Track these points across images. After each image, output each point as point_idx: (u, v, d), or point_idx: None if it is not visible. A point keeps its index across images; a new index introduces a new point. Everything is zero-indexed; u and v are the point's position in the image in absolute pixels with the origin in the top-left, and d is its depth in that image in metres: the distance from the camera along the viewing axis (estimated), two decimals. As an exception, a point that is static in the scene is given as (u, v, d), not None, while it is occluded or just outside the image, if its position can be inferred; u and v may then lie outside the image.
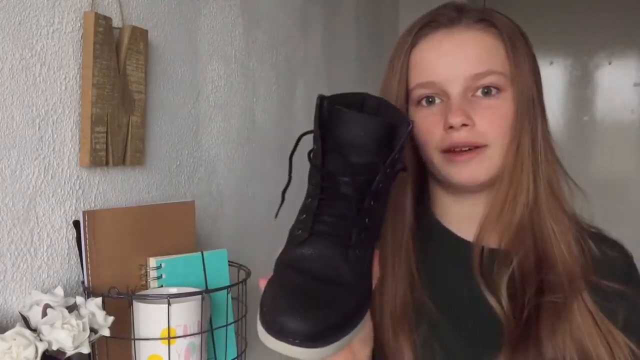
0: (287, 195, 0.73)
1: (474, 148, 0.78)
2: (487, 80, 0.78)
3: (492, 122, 0.77)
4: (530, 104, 0.79)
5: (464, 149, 0.77)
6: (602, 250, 0.82)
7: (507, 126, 0.78)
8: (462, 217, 0.85)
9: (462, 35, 0.79)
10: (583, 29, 3.02)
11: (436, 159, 0.80)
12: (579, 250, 0.80)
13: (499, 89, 0.78)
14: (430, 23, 0.81)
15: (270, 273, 0.68)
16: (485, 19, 0.80)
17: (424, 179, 0.88)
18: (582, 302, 0.77)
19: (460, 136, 0.77)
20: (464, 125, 0.76)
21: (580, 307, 0.76)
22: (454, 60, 0.78)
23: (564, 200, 0.82)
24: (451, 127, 0.76)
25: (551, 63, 3.09)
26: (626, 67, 3.03)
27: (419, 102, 0.81)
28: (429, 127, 0.79)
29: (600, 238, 0.84)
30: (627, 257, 0.85)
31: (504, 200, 0.79)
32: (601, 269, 0.80)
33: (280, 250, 0.69)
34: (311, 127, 0.70)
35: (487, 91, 0.78)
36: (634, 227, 2.83)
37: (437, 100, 0.79)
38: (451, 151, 0.78)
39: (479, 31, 0.80)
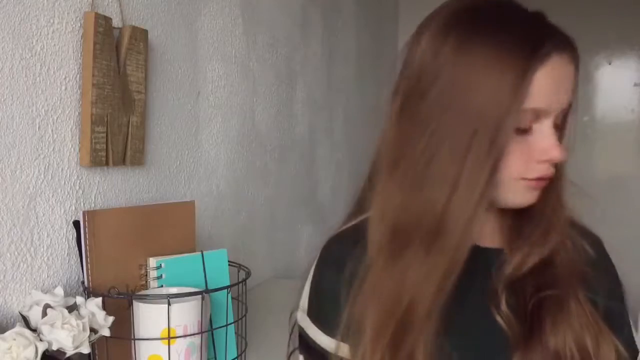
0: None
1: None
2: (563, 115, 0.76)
3: None
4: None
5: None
6: (589, 245, 0.83)
7: None
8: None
9: (570, 64, 0.74)
10: (583, 29, 3.00)
11: (510, 184, 0.76)
12: (574, 247, 0.81)
13: None
14: (550, 40, 0.73)
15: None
16: (572, 44, 0.75)
17: None
18: (578, 297, 0.78)
19: (550, 171, 0.75)
20: None
21: (577, 301, 0.77)
22: (564, 90, 0.74)
23: (565, 199, 0.82)
24: (547, 161, 0.74)
25: (551, 63, 3.09)
26: (626, 67, 3.03)
27: (519, 129, 0.74)
28: (521, 156, 0.74)
29: (583, 232, 0.85)
30: (604, 250, 0.87)
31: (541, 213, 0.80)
32: (589, 263, 0.81)
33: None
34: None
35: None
36: (634, 227, 2.84)
37: (534, 129, 0.74)
38: (533, 179, 0.76)
39: (573, 60, 0.74)
